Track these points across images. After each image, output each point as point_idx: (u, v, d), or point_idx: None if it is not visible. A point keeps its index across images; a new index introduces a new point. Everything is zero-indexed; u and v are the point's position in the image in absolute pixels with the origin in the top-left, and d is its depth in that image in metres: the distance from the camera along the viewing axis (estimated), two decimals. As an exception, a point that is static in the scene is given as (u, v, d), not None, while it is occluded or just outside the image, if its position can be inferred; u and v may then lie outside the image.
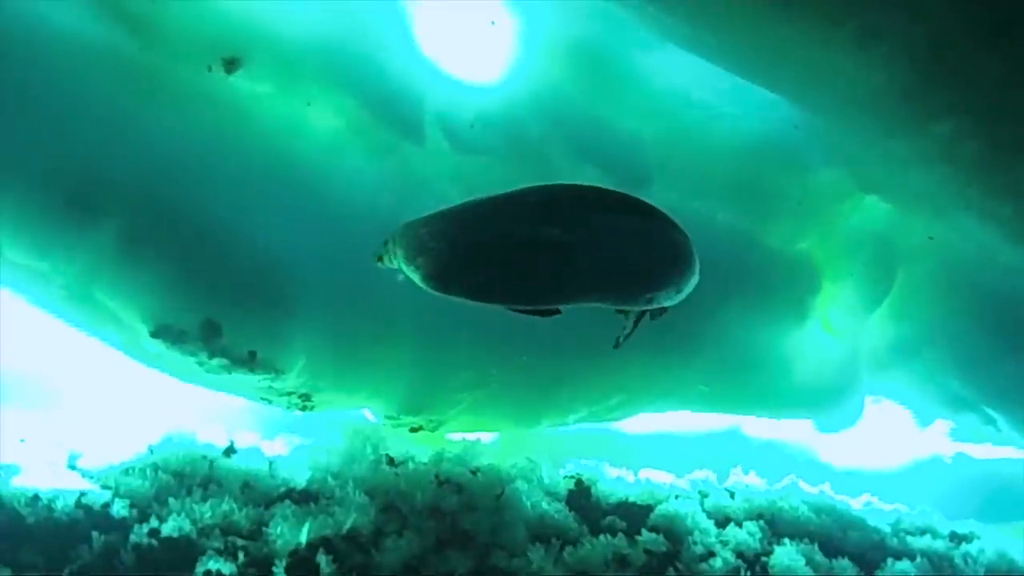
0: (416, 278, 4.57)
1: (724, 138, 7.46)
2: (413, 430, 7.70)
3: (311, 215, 6.73)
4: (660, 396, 8.30)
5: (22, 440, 7.09)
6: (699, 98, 7.35)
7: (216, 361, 6.56)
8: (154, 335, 6.48)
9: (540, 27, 6.85)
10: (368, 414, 7.97)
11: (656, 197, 6.86)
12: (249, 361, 6.64)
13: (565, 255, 4.38)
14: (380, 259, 5.00)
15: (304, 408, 7.36)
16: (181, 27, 6.42)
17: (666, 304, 4.73)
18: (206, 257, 6.47)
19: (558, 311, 4.54)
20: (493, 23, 6.70)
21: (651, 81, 7.23)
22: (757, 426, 9.89)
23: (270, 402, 7.36)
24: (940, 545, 8.42)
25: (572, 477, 8.11)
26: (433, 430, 7.78)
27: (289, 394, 7.17)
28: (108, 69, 6.37)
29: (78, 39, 6.30)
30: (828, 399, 8.94)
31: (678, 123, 7.38)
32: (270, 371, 6.73)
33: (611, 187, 4.92)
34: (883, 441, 10.37)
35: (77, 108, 6.26)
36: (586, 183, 4.85)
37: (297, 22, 6.56)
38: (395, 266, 4.83)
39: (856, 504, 9.27)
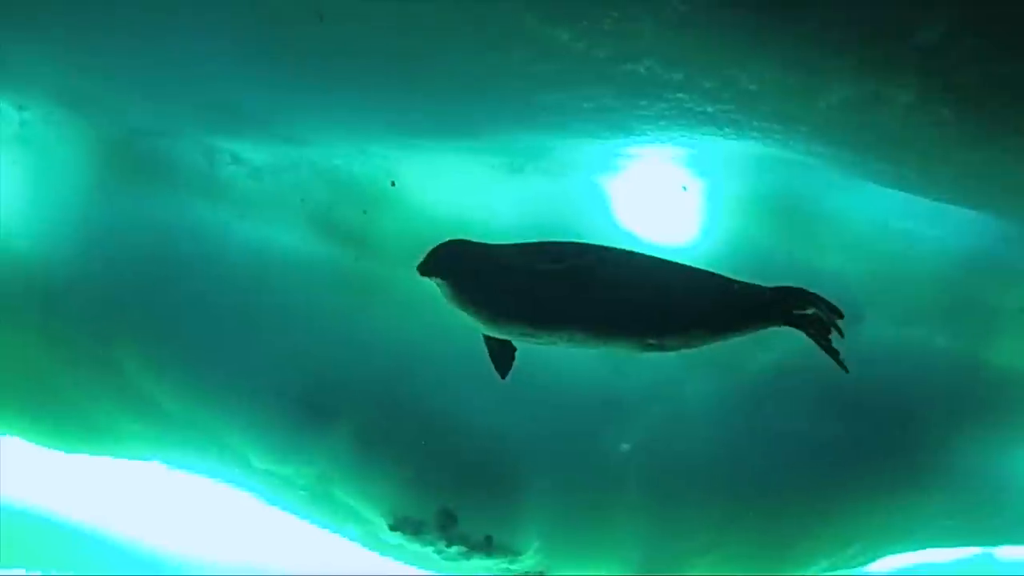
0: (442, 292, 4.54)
1: (930, 261, 7.27)
2: (650, 597, 7.56)
3: (530, 396, 6.82)
4: (901, 537, 7.88)
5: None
6: (898, 226, 7.21)
7: (454, 548, 6.73)
8: (393, 528, 6.73)
9: (730, 184, 6.93)
10: (603, 585, 7.87)
11: (871, 331, 6.90)
12: (486, 546, 6.76)
13: (566, 282, 4.22)
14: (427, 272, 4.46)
15: (541, 586, 7.37)
16: (392, 234, 6.86)
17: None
18: (437, 447, 6.72)
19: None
20: (685, 188, 6.84)
21: (846, 218, 7.17)
22: (1011, 549, 9.21)
23: (507, 583, 7.40)
24: None
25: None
26: (671, 596, 7.61)
27: (525, 574, 7.20)
28: (328, 279, 6.85)
29: (299, 255, 6.83)
30: (1085, 517, 8.25)
31: (881, 254, 7.25)
32: (506, 554, 6.83)
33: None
34: None
35: (304, 319, 6.73)
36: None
37: (496, 212, 6.88)
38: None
39: None
